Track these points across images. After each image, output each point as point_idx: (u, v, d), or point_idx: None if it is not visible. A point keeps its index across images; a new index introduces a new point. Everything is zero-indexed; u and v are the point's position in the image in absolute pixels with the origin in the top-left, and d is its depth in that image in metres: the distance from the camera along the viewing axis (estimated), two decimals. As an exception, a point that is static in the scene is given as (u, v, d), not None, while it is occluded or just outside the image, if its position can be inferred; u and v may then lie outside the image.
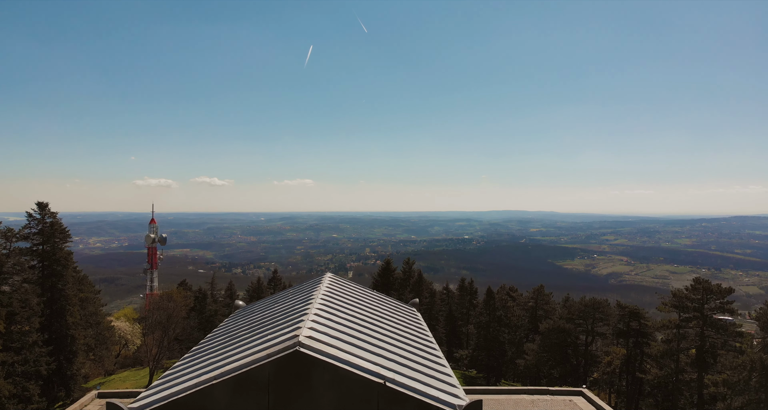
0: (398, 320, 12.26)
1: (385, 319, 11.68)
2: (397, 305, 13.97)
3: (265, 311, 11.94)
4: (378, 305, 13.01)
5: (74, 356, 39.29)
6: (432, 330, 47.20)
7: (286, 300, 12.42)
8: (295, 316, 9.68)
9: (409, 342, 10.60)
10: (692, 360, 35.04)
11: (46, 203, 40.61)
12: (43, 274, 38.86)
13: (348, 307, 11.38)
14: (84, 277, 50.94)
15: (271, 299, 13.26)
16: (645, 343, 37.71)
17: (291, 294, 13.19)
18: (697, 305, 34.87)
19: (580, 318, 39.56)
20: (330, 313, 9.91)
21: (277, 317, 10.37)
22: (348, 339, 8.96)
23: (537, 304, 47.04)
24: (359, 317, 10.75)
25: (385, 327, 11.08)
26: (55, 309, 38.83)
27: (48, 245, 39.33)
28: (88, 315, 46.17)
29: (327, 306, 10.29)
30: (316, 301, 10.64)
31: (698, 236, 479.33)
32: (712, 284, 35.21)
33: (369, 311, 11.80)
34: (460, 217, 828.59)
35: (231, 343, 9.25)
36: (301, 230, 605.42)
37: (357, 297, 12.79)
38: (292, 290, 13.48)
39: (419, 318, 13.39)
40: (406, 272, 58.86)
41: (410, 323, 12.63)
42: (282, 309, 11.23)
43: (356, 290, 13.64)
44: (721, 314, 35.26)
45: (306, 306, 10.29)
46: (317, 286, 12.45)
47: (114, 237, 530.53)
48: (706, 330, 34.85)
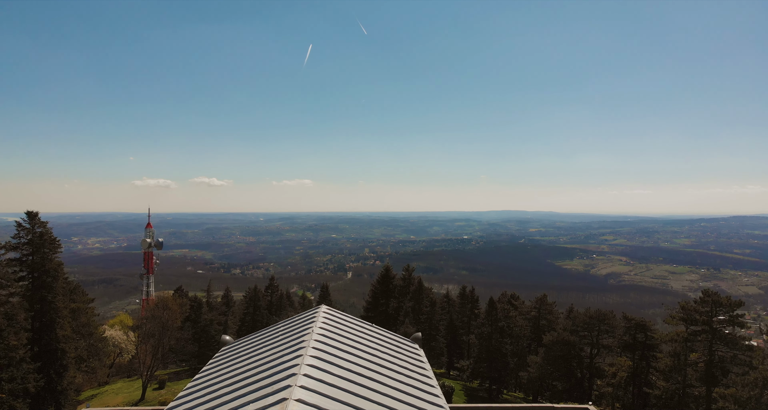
0: (400, 364, 11.18)
1: (386, 366, 10.60)
2: (399, 343, 12.87)
3: (251, 357, 10.84)
4: (378, 347, 11.92)
5: (65, 370, 38.17)
6: (433, 341, 46.22)
7: (275, 343, 11.32)
8: (285, 370, 8.66)
9: (411, 393, 9.57)
10: (700, 375, 34.07)
11: (36, 212, 39.47)
12: (33, 286, 37.74)
13: (344, 353, 10.29)
14: (77, 286, 49.84)
15: (259, 340, 12.15)
16: (652, 356, 36.73)
17: (281, 333, 12.08)
18: (705, 318, 33.88)
19: (585, 330, 38.59)
20: (323, 369, 8.85)
21: (263, 370, 9.32)
22: (343, 403, 7.88)
23: (540, 313, 46.10)
24: (357, 369, 9.70)
25: (386, 375, 10.05)
26: (44, 322, 37.70)
27: (38, 256, 38.20)
28: (80, 325, 45.06)
29: (320, 359, 9.21)
30: (308, 349, 9.58)
31: (697, 236, 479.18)
32: (722, 296, 34.25)
33: (368, 356, 10.71)
34: (459, 217, 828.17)
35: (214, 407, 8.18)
36: (300, 230, 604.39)
37: (354, 339, 11.70)
38: (282, 329, 12.38)
39: (421, 357, 12.32)
40: (406, 279, 57.78)
41: (412, 365, 11.56)
42: (270, 358, 10.17)
43: (353, 327, 12.54)
44: (731, 327, 34.30)
45: (296, 357, 9.24)
46: (310, 327, 11.35)
47: (113, 238, 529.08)
48: (715, 343, 33.88)
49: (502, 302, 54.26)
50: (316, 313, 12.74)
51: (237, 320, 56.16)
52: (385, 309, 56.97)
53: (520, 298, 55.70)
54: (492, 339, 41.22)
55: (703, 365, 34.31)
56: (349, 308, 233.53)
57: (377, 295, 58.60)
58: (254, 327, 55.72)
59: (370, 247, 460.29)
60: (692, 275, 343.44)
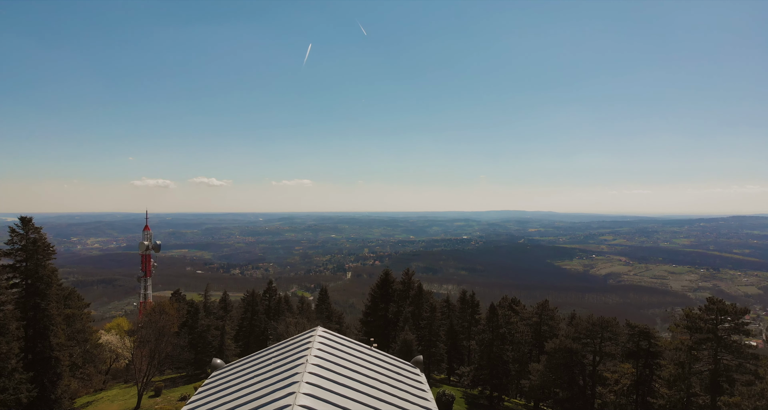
0: (400, 395, 10.57)
1: (385, 399, 10.00)
2: (399, 368, 12.26)
3: (244, 386, 10.26)
4: (377, 373, 11.32)
5: (59, 378, 37.52)
6: (433, 347, 45.58)
7: (268, 370, 10.71)
8: (279, 400, 8.21)
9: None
10: (705, 383, 33.50)
11: (30, 217, 38.79)
12: (27, 293, 37.08)
13: (341, 383, 9.71)
14: (72, 291, 49.20)
15: (251, 366, 11.54)
16: (656, 364, 36.16)
17: (275, 359, 11.45)
18: (710, 326, 33.31)
19: (587, 337, 38.01)
20: (319, 398, 8.36)
21: (256, 403, 8.79)
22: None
23: (541, 319, 45.53)
24: (355, 397, 9.16)
25: (386, 401, 9.51)
26: (38, 330, 37.03)
27: (31, 262, 37.52)
28: (75, 332, 44.44)
29: (317, 388, 8.71)
30: (302, 384, 9.07)
31: (696, 236, 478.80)
32: (727, 303, 33.65)
33: (366, 387, 10.11)
34: (459, 217, 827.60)
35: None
36: (300, 230, 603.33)
37: (352, 365, 11.09)
38: (276, 354, 11.75)
39: (423, 384, 11.74)
40: (406, 283, 57.19)
41: (412, 395, 10.97)
42: (263, 388, 9.61)
43: (351, 352, 11.92)
44: (736, 335, 33.73)
45: (290, 392, 8.71)
46: (305, 354, 10.74)
47: (112, 238, 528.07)
48: (720, 351, 33.30)
49: (502, 307, 53.66)
50: (311, 337, 12.12)
51: (235, 324, 55.50)
52: (384, 313, 56.38)
53: (521, 302, 55.11)
54: (493, 345, 40.63)
55: (708, 373, 33.74)
56: (348, 308, 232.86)
57: (376, 299, 57.99)
58: (252, 333, 55.10)
59: (370, 247, 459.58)
60: (692, 275, 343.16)
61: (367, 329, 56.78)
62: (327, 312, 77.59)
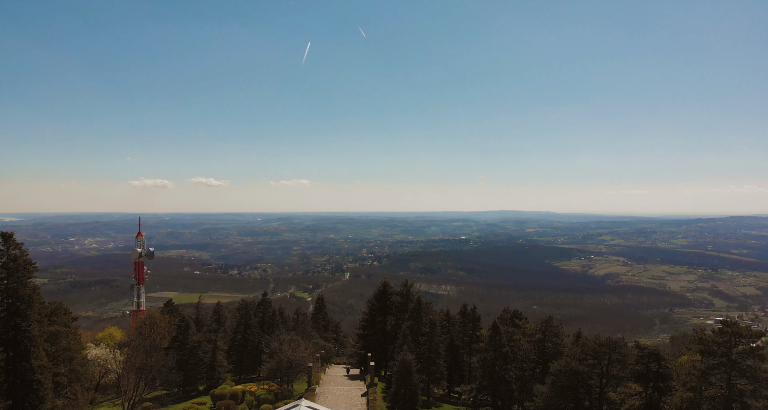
0: None
1: None
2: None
3: None
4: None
5: (41, 402, 35.74)
6: (433, 365, 43.90)
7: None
8: None
9: None
10: (718, 409, 31.96)
11: (11, 233, 36.95)
12: (7, 313, 35.32)
13: None
14: (58, 306, 47.29)
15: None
16: (666, 387, 34.63)
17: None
18: (724, 349, 31.76)
19: (594, 358, 36.49)
20: None
21: None
22: None
23: (545, 336, 44.03)
24: None
25: None
26: (18, 352, 35.29)
27: (12, 280, 35.74)
28: (60, 350, 42.55)
29: None
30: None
31: (695, 237, 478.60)
32: (741, 326, 32.14)
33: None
34: (457, 217, 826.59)
35: None
36: (298, 230, 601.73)
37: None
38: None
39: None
40: (405, 296, 55.57)
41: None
42: None
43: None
44: (751, 359, 32.19)
45: None
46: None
47: (110, 238, 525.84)
48: (734, 376, 31.77)
49: (503, 320, 52.08)
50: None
51: (228, 339, 53.74)
52: (382, 326, 54.75)
53: (524, 315, 53.53)
54: (495, 365, 39.07)
55: (721, 399, 32.22)
56: (347, 309, 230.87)
57: (374, 312, 56.35)
58: (245, 347, 53.36)
59: (368, 247, 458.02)
60: (690, 275, 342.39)
61: (364, 342, 55.15)
62: (324, 321, 75.94)
